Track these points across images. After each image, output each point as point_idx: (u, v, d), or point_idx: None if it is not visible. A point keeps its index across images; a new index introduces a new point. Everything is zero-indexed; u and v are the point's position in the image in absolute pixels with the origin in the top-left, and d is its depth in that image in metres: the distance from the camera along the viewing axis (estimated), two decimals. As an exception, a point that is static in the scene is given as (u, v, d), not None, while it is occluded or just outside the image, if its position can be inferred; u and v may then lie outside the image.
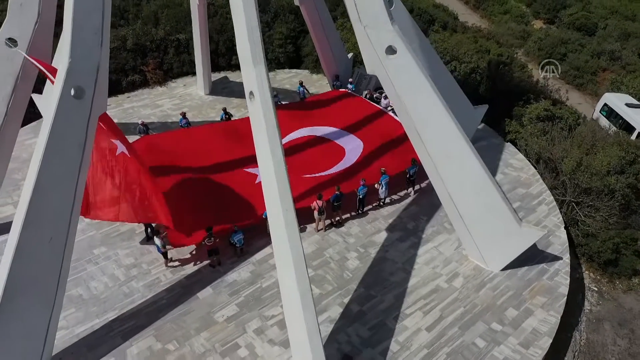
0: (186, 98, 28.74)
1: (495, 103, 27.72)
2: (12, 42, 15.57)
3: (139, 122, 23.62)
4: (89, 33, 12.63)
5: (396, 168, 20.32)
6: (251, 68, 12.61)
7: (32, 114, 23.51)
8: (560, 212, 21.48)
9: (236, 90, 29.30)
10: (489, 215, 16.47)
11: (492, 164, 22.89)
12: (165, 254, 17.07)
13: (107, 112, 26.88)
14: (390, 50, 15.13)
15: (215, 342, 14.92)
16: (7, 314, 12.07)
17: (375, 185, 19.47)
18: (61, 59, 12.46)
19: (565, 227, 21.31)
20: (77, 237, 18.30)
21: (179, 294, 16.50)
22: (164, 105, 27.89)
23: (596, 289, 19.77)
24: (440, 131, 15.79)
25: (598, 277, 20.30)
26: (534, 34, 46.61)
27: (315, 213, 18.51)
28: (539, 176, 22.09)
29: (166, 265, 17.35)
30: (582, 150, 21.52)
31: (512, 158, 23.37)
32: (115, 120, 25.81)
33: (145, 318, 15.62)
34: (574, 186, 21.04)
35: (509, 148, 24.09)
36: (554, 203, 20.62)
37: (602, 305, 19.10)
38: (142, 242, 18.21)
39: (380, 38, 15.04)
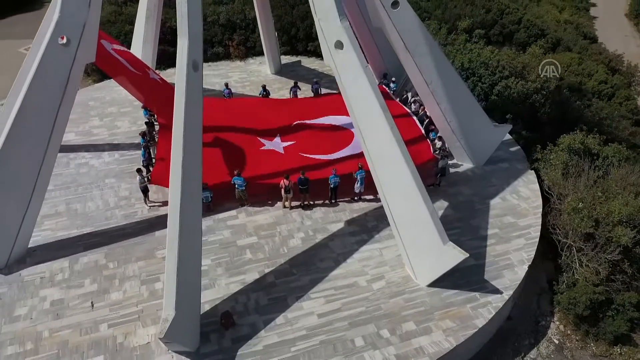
0: (254, 74, 31.68)
1: (549, 128, 25.63)
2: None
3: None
4: (78, -4, 15.72)
5: None
6: (179, 39, 14.47)
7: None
8: (561, 254, 19.62)
9: (301, 75, 31.38)
10: (416, 226, 16.19)
11: (498, 187, 21.66)
12: (143, 191, 19.99)
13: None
14: (339, 45, 15.72)
15: (143, 272, 17.40)
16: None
17: (354, 175, 19.99)
18: (54, 13, 15.77)
19: (562, 272, 19.46)
20: (100, 167, 22.63)
21: (143, 227, 19.33)
22: (233, 77, 31.15)
23: (557, 341, 17.87)
24: (376, 131, 15.94)
25: (569, 332, 18.26)
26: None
27: (282, 191, 19.81)
28: (540, 210, 20.24)
29: (146, 203, 20.32)
30: (595, 192, 19.20)
31: (524, 186, 21.62)
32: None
33: (107, 239, 18.75)
34: (574, 229, 18.97)
35: (529, 176, 22.26)
36: (536, 240, 18.89)
37: (552, 359, 17.27)
38: None
39: (330, 32, 15.71)
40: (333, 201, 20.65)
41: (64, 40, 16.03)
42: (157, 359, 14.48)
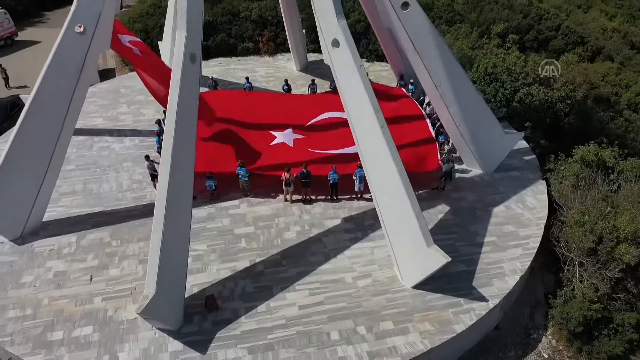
0: (280, 70, 32.29)
1: (569, 138, 24.82)
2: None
3: (210, 77, 27.91)
4: (94, -12, 16.73)
5: None
6: (177, 32, 15.14)
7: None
8: (563, 267, 19.09)
9: (324, 73, 31.61)
10: (402, 227, 16.21)
11: (504, 195, 21.26)
12: (153, 176, 20.94)
13: (215, 68, 32.20)
14: (336, 43, 15.98)
15: (142, 252, 18.26)
16: (3, 180, 17.13)
17: (354, 177, 20.20)
18: (73, 4, 16.86)
19: (562, 286, 18.96)
20: (120, 151, 23.78)
21: (149, 210, 19.78)
22: (259, 72, 31.89)
23: (546, 355, 17.43)
24: (367, 129, 16.08)
25: (560, 348, 17.78)
26: None
27: (283, 184, 20.24)
28: (543, 221, 19.72)
29: (155, 188, 21.21)
30: (603, 207, 18.52)
31: (532, 196, 21.10)
32: (215, 76, 30.69)
33: (115, 219, 19.81)
34: (577, 243, 18.41)
35: (539, 186, 21.69)
36: (534, 251, 18.43)
37: (538, 373, 16.90)
38: None
39: (327, 30, 16.04)
40: (334, 198, 20.88)
41: (81, 29, 17.09)
42: (141, 334, 15.26)
